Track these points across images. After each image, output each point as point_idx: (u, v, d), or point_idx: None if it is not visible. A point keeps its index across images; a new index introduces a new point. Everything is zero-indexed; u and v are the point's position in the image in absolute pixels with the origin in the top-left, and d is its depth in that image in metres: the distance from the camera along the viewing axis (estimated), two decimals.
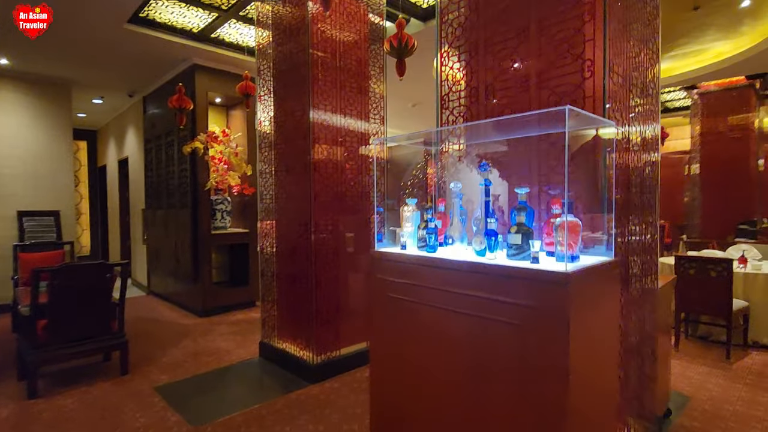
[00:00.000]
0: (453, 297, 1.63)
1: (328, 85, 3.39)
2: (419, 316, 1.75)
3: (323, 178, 3.36)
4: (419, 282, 1.75)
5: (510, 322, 1.44)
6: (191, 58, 5.22)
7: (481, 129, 2.01)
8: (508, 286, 1.44)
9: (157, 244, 6.48)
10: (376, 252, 1.94)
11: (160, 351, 4.16)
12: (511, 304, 1.43)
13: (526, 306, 1.38)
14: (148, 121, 6.59)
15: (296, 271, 3.51)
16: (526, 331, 1.39)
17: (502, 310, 1.46)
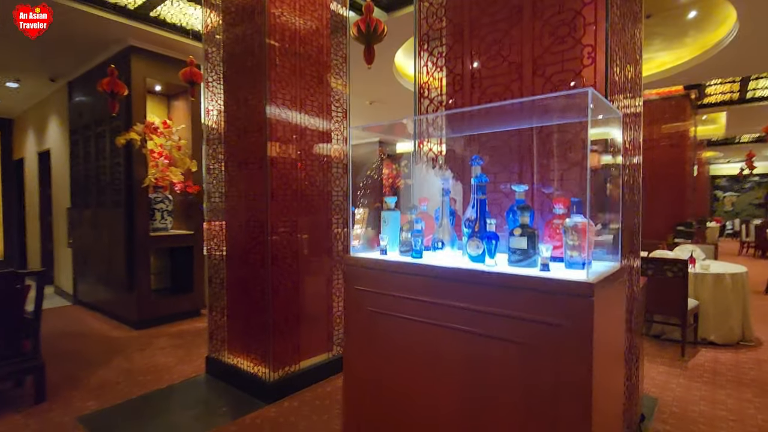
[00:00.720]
0: (445, 311, 1.41)
1: (287, 72, 3.08)
2: (405, 333, 1.52)
3: (281, 175, 3.03)
4: (405, 293, 1.51)
5: (517, 340, 1.24)
6: (126, 39, 4.65)
7: (465, 120, 1.81)
8: (515, 298, 1.24)
9: (86, 248, 5.76)
10: (352, 258, 1.67)
11: (86, 371, 3.61)
12: (519, 319, 1.23)
13: (539, 321, 1.19)
14: (75, 110, 5.85)
15: (250, 276, 3.15)
16: (537, 350, 1.20)
17: (507, 326, 1.26)
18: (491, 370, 1.30)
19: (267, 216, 2.95)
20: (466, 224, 1.52)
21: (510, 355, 1.26)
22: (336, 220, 3.46)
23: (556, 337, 1.16)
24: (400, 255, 1.63)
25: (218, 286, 3.42)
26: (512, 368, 1.26)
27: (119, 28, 4.36)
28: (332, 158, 3.44)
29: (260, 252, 3.04)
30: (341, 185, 3.48)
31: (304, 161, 3.19)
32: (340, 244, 3.49)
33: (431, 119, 1.96)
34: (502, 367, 1.27)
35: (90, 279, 5.72)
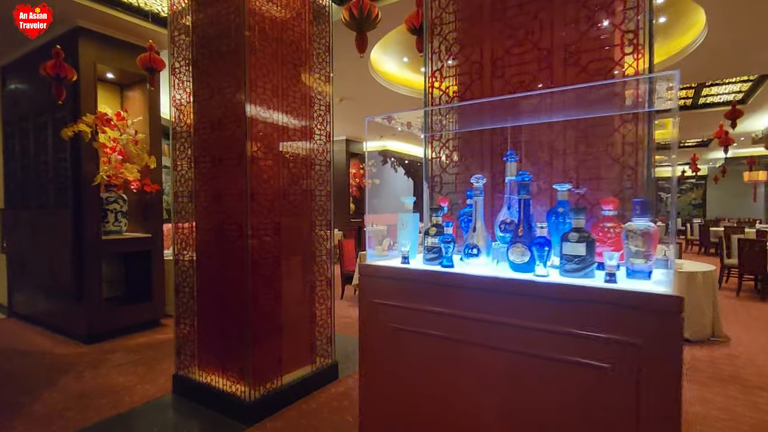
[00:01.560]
0: (485, 327, 1.23)
1: (268, 59, 2.79)
2: (435, 353, 1.32)
3: (261, 173, 2.74)
4: (435, 307, 1.31)
5: (579, 361, 1.07)
6: (73, 19, 4.14)
7: (487, 111, 1.64)
8: (577, 313, 1.08)
9: (23, 254, 5.12)
10: (369, 267, 1.45)
11: (29, 396, 3.14)
12: (582, 337, 1.07)
13: (610, 341, 1.03)
14: (9, 98, 5.18)
15: (226, 283, 2.84)
16: (605, 374, 1.04)
17: (567, 345, 1.09)
18: (544, 396, 1.14)
19: (246, 217, 2.65)
20: (502, 228, 1.34)
21: (569, 379, 1.10)
22: (320, 221, 3.20)
23: (631, 359, 1.01)
24: (424, 263, 1.43)
25: (187, 295, 3.07)
26: (571, 394, 1.10)
27: (65, 5, 3.86)
28: (315, 155, 3.19)
29: (238, 257, 2.74)
30: (325, 185, 3.23)
31: (284, 158, 2.92)
32: (323, 247, 3.24)
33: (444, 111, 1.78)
34: (561, 393, 1.11)
35: (29, 288, 5.09)
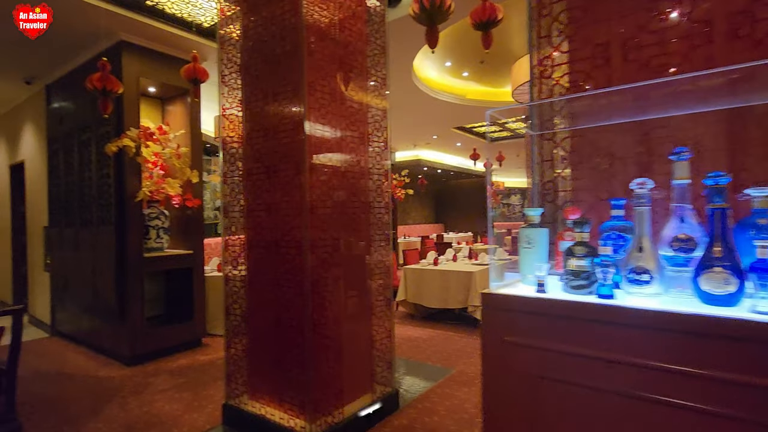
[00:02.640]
0: (673, 382, 0.91)
1: (325, 61, 2.57)
2: (593, 413, 1.01)
3: (321, 184, 2.50)
4: (591, 350, 1.01)
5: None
6: (117, 33, 4.07)
7: (627, 101, 1.34)
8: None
9: (66, 271, 5.06)
10: (498, 297, 1.16)
11: (72, 427, 2.96)
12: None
13: None
14: (54, 116, 5.19)
15: (281, 305, 2.59)
16: None
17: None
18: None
19: (305, 233, 2.41)
20: (675, 246, 1.03)
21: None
22: (378, 236, 2.93)
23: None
24: (566, 292, 1.13)
25: (238, 317, 2.84)
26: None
27: (110, 20, 3.78)
28: (373, 164, 2.94)
29: (295, 275, 2.49)
30: (383, 196, 2.97)
31: (343, 167, 2.68)
32: (382, 264, 2.97)
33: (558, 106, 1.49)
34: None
35: (71, 307, 5.01)
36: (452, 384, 3.51)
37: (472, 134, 9.62)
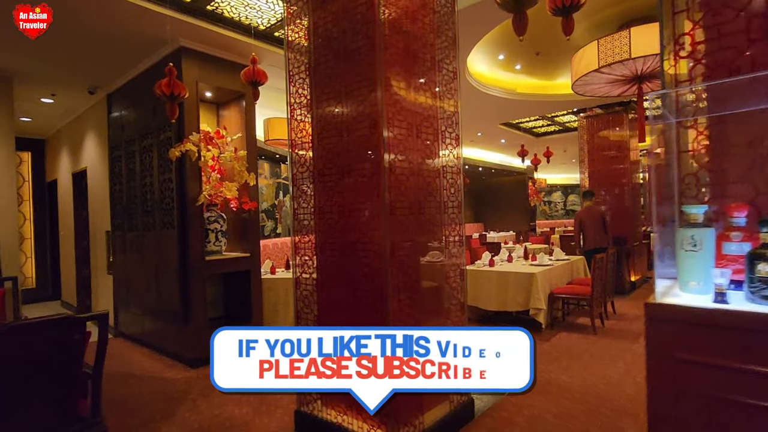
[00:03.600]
0: None
1: (399, 55, 2.46)
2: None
3: (399, 183, 2.40)
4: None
5: None
6: (177, 39, 4.13)
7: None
8: None
9: (129, 274, 5.20)
10: (665, 308, 1.01)
11: (149, 429, 2.99)
12: None
13: None
14: (116, 124, 5.36)
15: (356, 311, 2.50)
16: None
17: None
18: None
19: (384, 236, 2.30)
20: None
21: None
22: (453, 237, 2.80)
23: None
24: (755, 303, 0.96)
25: (310, 322, 2.77)
26: None
27: (171, 26, 3.83)
28: (446, 162, 2.80)
29: (373, 280, 2.39)
30: (456, 195, 2.83)
31: (420, 166, 2.56)
32: (457, 267, 2.83)
33: (696, 89, 1.30)
34: None
35: (134, 309, 5.15)
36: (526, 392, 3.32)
37: (519, 130, 9.32)
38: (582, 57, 4.61)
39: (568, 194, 18.65)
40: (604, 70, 4.43)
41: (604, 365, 3.82)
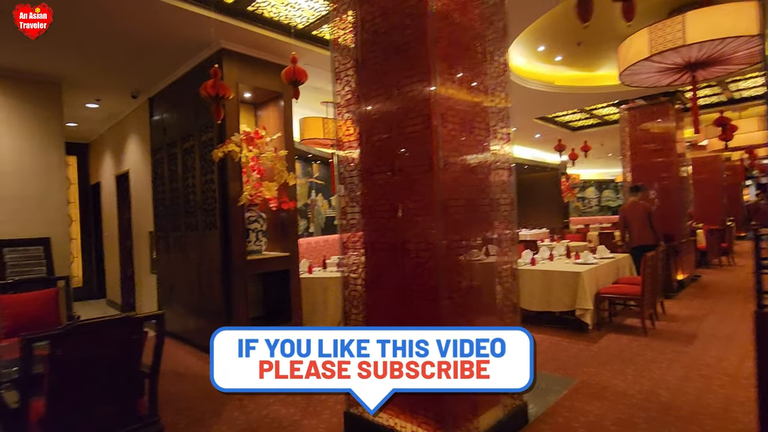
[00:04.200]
0: None
1: (452, 47, 2.38)
2: None
3: (453, 180, 2.32)
4: None
5: None
6: (218, 41, 4.17)
7: None
8: None
9: (172, 274, 5.32)
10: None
11: (201, 427, 3.04)
12: None
13: None
14: (157, 127, 5.48)
15: (409, 312, 2.44)
16: None
17: None
18: None
19: (439, 234, 2.23)
20: None
21: None
22: (505, 236, 2.70)
23: None
24: None
25: (360, 323, 2.73)
26: None
27: (212, 27, 3.86)
28: (498, 158, 2.71)
29: (427, 281, 2.33)
30: (508, 192, 2.73)
31: (473, 161, 2.47)
32: (509, 267, 2.73)
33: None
34: None
35: (177, 307, 5.27)
36: (580, 396, 3.19)
37: (555, 124, 9.04)
38: (630, 46, 4.39)
39: (602, 190, 18.05)
40: (655, 59, 4.20)
41: (660, 370, 3.62)
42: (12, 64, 4.58)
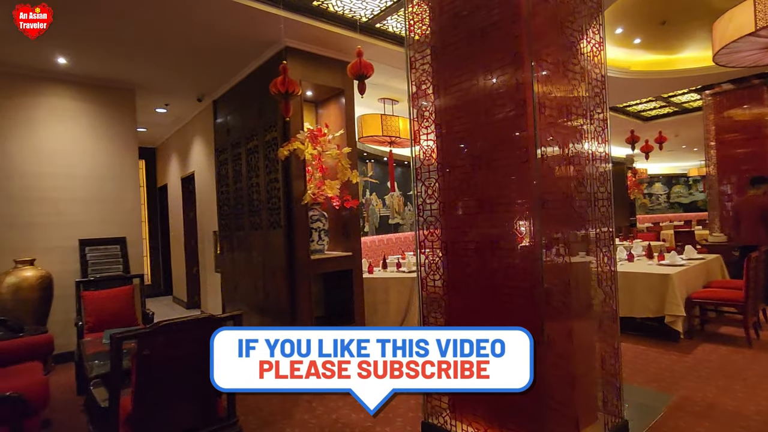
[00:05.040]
0: None
1: (546, 25, 2.15)
2: None
3: (549, 172, 2.09)
4: None
5: None
6: (282, 40, 4.14)
7: None
8: None
9: (236, 273, 5.41)
10: None
11: (273, 428, 2.98)
12: None
13: None
14: (221, 128, 5.60)
15: (497, 319, 2.23)
16: None
17: None
18: None
19: (537, 232, 2.01)
20: None
21: None
22: (602, 234, 2.42)
23: None
24: None
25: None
26: None
27: (276, 25, 3.83)
28: (595, 147, 2.43)
29: (521, 283, 2.11)
30: (605, 184, 2.45)
31: (571, 150, 2.22)
32: (608, 268, 2.44)
33: None
34: None
35: (241, 305, 5.33)
36: (683, 415, 2.83)
37: (625, 114, 8.39)
38: (730, 20, 3.90)
39: (672, 185, 16.70)
40: (762, 33, 3.70)
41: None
42: (93, 72, 4.82)
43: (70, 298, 4.50)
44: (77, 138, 4.96)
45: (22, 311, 4.17)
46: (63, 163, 4.85)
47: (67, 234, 4.82)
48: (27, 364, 3.24)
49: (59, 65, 4.56)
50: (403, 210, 9.89)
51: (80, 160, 4.97)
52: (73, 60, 4.47)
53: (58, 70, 4.70)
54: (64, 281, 4.61)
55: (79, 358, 3.50)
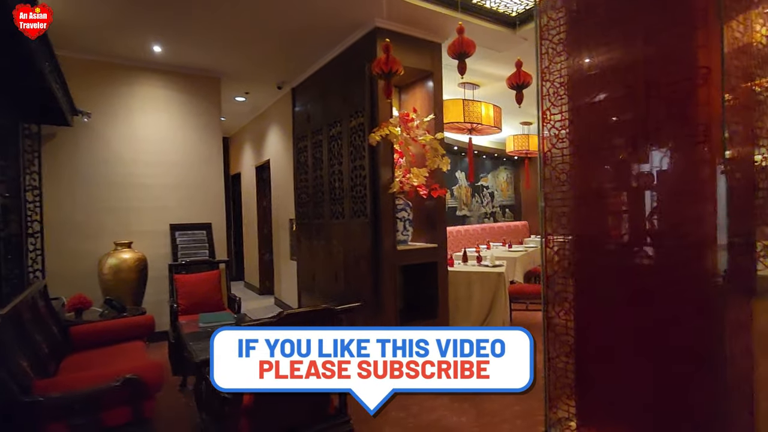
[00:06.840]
0: None
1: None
2: None
3: (736, 157, 1.73)
4: None
5: None
6: (371, 21, 3.97)
7: None
8: None
9: (314, 261, 5.37)
10: None
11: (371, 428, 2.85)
12: None
13: None
14: (300, 116, 5.56)
15: (649, 326, 1.92)
16: None
17: None
18: None
19: (718, 228, 1.67)
20: None
21: None
22: None
23: None
24: None
25: (570, 338, 2.27)
26: None
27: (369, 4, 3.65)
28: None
29: (684, 287, 1.78)
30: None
31: (758, 129, 1.84)
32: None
33: None
34: None
35: (319, 295, 5.30)
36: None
37: None
38: None
39: None
40: None
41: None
42: (184, 60, 4.92)
43: (162, 280, 4.67)
44: (168, 126, 5.11)
45: (122, 291, 4.36)
46: (155, 150, 5.02)
47: (159, 218, 5.00)
48: (132, 343, 3.35)
49: (154, 53, 4.67)
50: (471, 201, 9.53)
51: (170, 148, 5.12)
52: (167, 48, 4.56)
53: (153, 59, 4.83)
54: (156, 263, 4.78)
55: (177, 339, 3.57)
